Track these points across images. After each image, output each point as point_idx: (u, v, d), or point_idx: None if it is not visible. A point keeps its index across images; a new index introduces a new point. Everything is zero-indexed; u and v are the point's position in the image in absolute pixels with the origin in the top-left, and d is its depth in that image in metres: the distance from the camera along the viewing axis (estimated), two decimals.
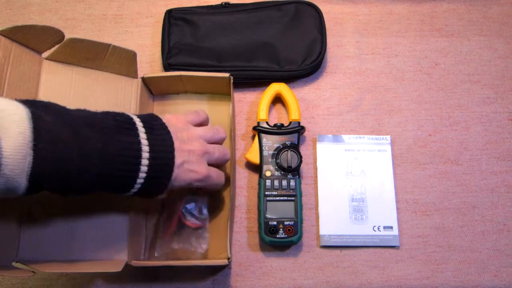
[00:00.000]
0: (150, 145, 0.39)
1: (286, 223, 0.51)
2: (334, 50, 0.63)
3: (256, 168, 0.56)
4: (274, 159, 0.54)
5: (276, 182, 0.53)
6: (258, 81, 0.60)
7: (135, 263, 0.46)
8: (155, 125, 0.41)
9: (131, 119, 0.40)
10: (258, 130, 0.55)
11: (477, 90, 0.61)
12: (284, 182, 0.53)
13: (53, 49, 0.49)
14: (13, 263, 0.47)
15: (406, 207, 0.56)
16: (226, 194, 0.54)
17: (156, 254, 0.51)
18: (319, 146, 0.58)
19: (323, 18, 0.62)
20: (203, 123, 0.49)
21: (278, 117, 0.60)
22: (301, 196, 0.53)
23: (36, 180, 0.32)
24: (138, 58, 0.53)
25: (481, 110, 0.60)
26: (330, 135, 0.58)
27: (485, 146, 0.59)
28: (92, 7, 0.66)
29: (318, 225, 0.55)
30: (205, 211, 0.52)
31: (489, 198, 0.56)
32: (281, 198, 0.52)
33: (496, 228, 0.55)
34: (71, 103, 0.40)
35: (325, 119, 0.60)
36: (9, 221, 0.49)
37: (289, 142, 0.55)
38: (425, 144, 0.59)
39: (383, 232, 0.54)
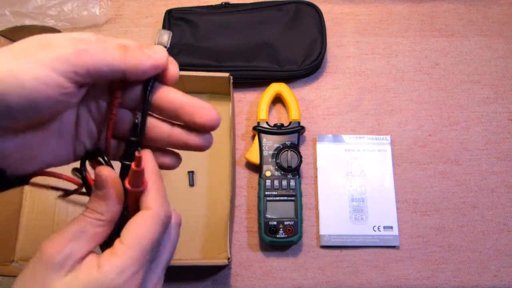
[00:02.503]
0: None
1: (286, 223, 0.51)
2: (334, 50, 0.63)
3: (256, 168, 0.56)
4: (274, 159, 0.54)
5: (276, 182, 0.53)
6: (258, 81, 0.60)
7: None
8: None
9: None
10: (258, 130, 0.55)
11: (477, 90, 0.61)
12: (284, 182, 0.53)
13: None
14: (13, 263, 0.47)
15: (406, 207, 0.56)
16: (226, 194, 0.54)
17: None
18: (319, 146, 0.58)
19: (323, 18, 0.62)
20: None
21: (278, 117, 0.60)
22: (301, 196, 0.53)
23: None
24: None
25: (481, 110, 0.60)
26: (330, 135, 0.58)
27: (485, 146, 0.59)
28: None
29: (318, 225, 0.55)
30: None
31: (489, 198, 0.56)
32: (281, 198, 0.52)
33: (496, 228, 0.55)
34: None
35: (325, 119, 0.60)
36: (8, 221, 0.49)
37: (289, 142, 0.55)
38: (425, 144, 0.59)
39: (383, 232, 0.54)
